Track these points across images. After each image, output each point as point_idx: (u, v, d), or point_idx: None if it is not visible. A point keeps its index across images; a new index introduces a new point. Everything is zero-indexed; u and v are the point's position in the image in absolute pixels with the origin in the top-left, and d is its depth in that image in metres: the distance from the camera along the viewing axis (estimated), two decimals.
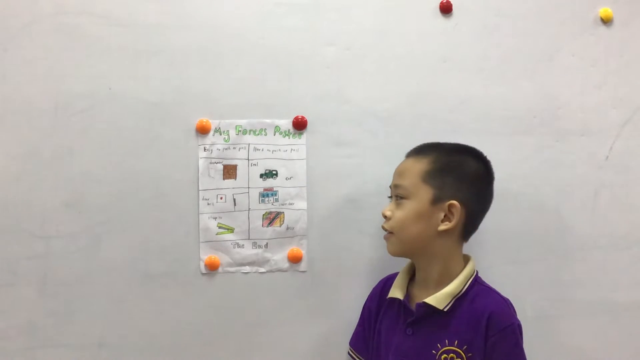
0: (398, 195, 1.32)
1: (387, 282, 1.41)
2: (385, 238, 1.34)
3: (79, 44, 1.45)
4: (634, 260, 1.52)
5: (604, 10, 1.52)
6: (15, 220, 1.44)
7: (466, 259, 1.35)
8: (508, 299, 1.32)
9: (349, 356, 1.44)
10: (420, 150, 1.36)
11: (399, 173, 1.34)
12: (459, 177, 1.30)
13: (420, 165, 1.31)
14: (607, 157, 1.53)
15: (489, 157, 1.38)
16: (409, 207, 1.30)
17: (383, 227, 1.34)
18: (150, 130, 1.46)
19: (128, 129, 1.46)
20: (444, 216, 1.29)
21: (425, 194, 1.29)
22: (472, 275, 1.32)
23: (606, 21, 1.53)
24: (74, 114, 1.45)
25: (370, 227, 1.49)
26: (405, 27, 1.51)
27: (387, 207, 1.34)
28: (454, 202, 1.28)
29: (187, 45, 1.47)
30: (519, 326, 1.27)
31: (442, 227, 1.29)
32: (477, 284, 1.31)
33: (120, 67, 1.46)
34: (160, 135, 1.47)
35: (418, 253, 1.33)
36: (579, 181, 1.52)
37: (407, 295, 1.34)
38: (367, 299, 1.44)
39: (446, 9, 1.51)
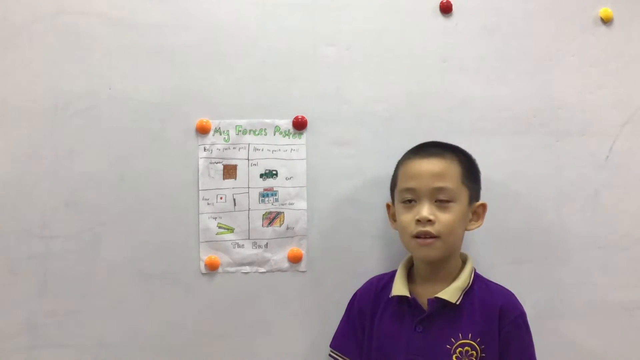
0: (441, 198, 1.28)
1: (379, 282, 1.40)
2: (427, 244, 1.28)
3: (79, 44, 1.46)
4: (634, 260, 1.52)
5: (604, 10, 1.52)
6: (15, 220, 1.44)
7: (463, 256, 1.37)
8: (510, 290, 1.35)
9: (331, 359, 1.42)
10: (441, 152, 1.32)
11: (437, 175, 1.29)
12: (478, 176, 1.37)
13: (456, 167, 1.31)
14: (607, 157, 1.52)
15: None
16: (456, 210, 1.29)
17: (427, 232, 1.27)
18: (150, 130, 1.46)
19: (128, 129, 1.46)
20: (472, 216, 1.34)
21: (464, 195, 1.31)
22: (473, 270, 1.35)
23: (606, 21, 1.53)
24: (74, 114, 1.45)
25: (370, 227, 1.49)
26: (405, 27, 1.51)
27: (424, 209, 1.28)
28: (484, 202, 1.35)
29: (187, 45, 1.47)
30: (525, 314, 1.33)
31: (473, 227, 1.34)
32: (477, 279, 1.35)
33: (120, 67, 1.46)
34: (160, 135, 1.47)
35: (450, 254, 1.33)
36: (579, 181, 1.52)
37: (410, 292, 1.33)
38: (356, 300, 1.41)
39: (446, 9, 1.51)
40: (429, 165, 1.30)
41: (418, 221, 1.28)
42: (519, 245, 1.50)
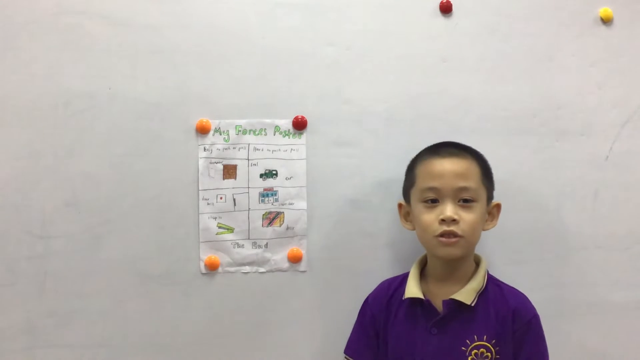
0: (465, 198, 1.29)
1: (390, 285, 1.39)
2: (451, 243, 1.27)
3: (79, 44, 1.46)
4: (634, 260, 1.52)
5: (604, 10, 1.52)
6: (15, 220, 1.44)
7: (476, 257, 1.37)
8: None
9: None
10: (461, 152, 1.33)
11: (460, 175, 1.29)
12: (493, 177, 1.38)
13: (476, 166, 1.32)
14: (607, 157, 1.53)
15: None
16: (478, 209, 1.30)
17: (452, 232, 1.27)
18: (150, 130, 1.46)
19: (128, 129, 1.46)
20: (487, 215, 1.35)
21: (484, 195, 1.33)
22: (487, 271, 1.36)
23: (606, 21, 1.53)
24: (74, 114, 1.45)
25: (370, 227, 1.49)
26: (405, 27, 1.51)
27: (448, 209, 1.28)
28: (499, 202, 1.37)
29: (187, 45, 1.47)
30: (539, 317, 1.33)
31: (489, 226, 1.36)
32: (491, 280, 1.35)
33: (120, 67, 1.46)
34: (160, 135, 1.47)
35: (469, 254, 1.34)
36: (579, 181, 1.52)
37: (424, 294, 1.33)
38: (369, 305, 1.40)
39: (446, 9, 1.51)
40: (452, 165, 1.31)
41: (442, 221, 1.28)
42: (519, 245, 1.51)
